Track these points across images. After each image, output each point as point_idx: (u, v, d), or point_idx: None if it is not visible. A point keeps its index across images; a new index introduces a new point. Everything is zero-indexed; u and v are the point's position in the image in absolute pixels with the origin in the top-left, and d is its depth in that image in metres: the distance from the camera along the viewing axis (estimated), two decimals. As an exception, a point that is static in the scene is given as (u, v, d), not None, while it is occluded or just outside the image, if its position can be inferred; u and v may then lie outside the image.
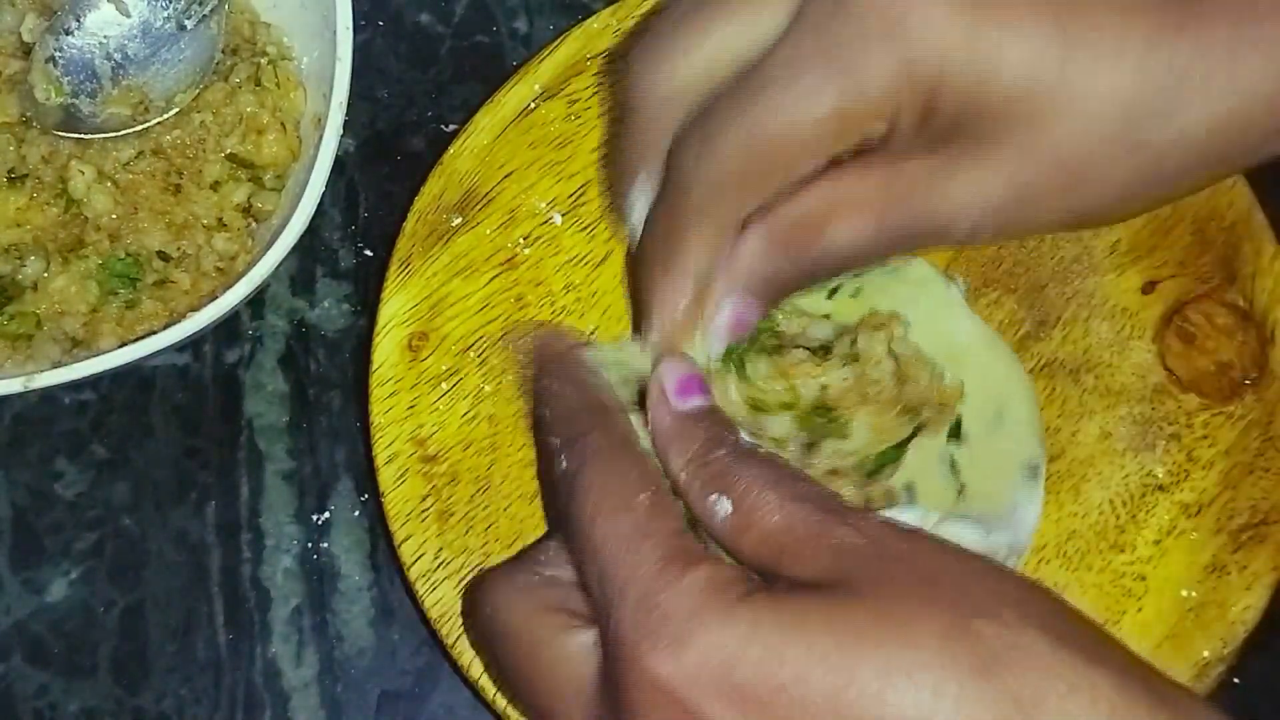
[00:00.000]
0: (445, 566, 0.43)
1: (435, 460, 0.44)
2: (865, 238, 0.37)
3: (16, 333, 0.45)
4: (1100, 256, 0.46)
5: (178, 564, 0.47)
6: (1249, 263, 0.46)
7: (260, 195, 0.48)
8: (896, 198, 0.36)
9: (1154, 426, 0.44)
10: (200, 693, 0.46)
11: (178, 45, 0.49)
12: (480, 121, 0.47)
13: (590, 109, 0.47)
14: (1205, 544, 0.43)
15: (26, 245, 0.46)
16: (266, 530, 0.48)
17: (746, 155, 0.36)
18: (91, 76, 0.48)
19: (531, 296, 0.46)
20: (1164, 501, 0.44)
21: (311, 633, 0.47)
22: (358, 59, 0.45)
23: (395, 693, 0.47)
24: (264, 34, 0.50)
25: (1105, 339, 0.45)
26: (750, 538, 0.32)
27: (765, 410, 0.39)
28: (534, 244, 0.46)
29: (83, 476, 0.48)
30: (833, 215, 0.36)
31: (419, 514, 0.44)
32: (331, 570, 0.48)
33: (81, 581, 0.47)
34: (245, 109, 0.48)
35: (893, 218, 0.36)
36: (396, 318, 0.45)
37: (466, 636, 0.42)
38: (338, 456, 0.49)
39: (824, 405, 0.40)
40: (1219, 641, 0.42)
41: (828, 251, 0.37)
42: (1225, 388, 0.45)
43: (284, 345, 0.50)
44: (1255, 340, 0.45)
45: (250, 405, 0.49)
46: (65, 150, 0.47)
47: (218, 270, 0.47)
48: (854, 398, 0.40)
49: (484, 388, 0.45)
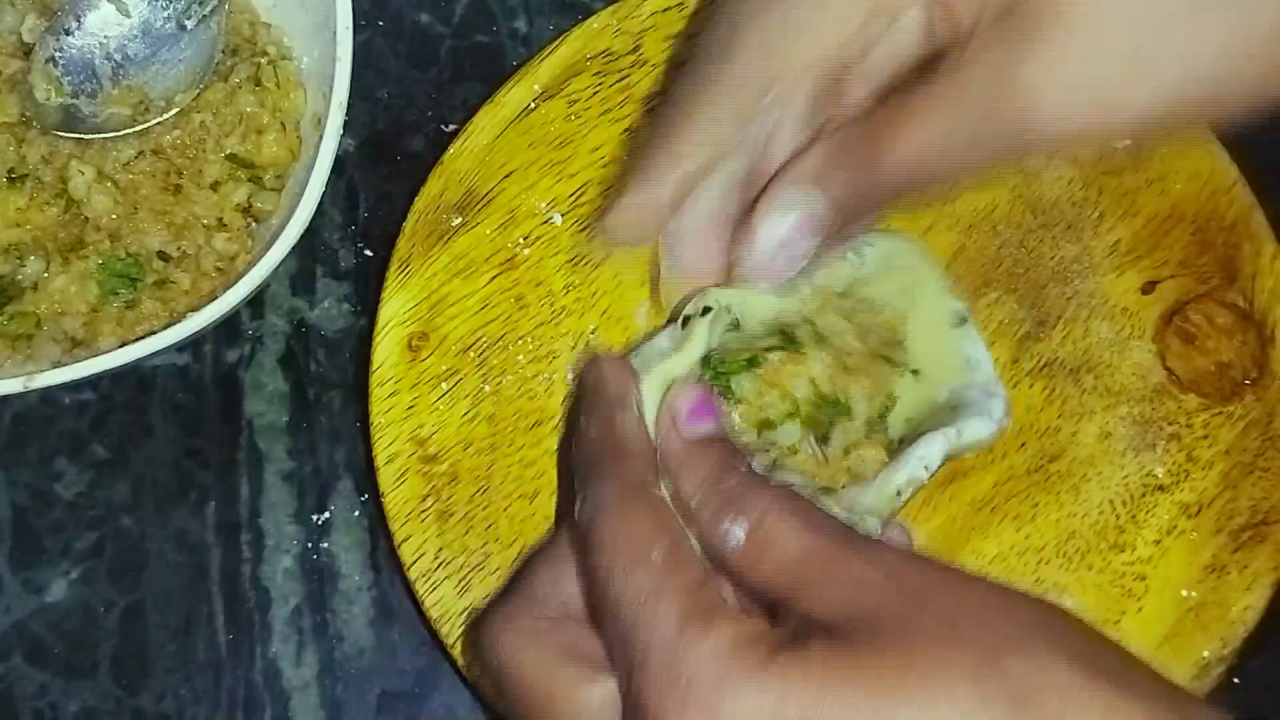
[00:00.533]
0: (445, 566, 0.43)
1: (435, 460, 0.44)
2: (938, 139, 0.35)
3: (16, 333, 0.45)
4: (1100, 256, 0.46)
5: (178, 564, 0.47)
6: (1249, 263, 0.46)
7: (260, 195, 0.48)
8: (966, 92, 0.34)
9: (1154, 426, 0.44)
10: (200, 693, 0.46)
11: (178, 45, 0.49)
12: (480, 121, 0.47)
13: (590, 109, 0.47)
14: (1205, 544, 0.43)
15: (26, 245, 0.46)
16: (266, 530, 0.48)
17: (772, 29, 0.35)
18: (91, 76, 0.48)
19: (531, 296, 0.46)
20: (1164, 501, 0.44)
21: (311, 633, 0.47)
22: (358, 59, 0.45)
23: (395, 693, 0.46)
24: (264, 34, 0.50)
25: (1105, 339, 0.45)
26: (764, 567, 0.32)
27: (772, 426, 0.39)
28: (534, 244, 0.46)
29: (83, 476, 0.48)
30: (902, 118, 0.35)
31: (419, 514, 0.44)
32: (331, 570, 0.48)
33: (81, 581, 0.47)
34: (245, 109, 0.48)
35: (966, 113, 0.34)
36: (396, 318, 0.45)
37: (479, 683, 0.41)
38: (338, 456, 0.49)
39: (820, 396, 0.40)
40: (1219, 641, 0.42)
41: (901, 158, 0.35)
42: (1225, 388, 0.45)
43: (284, 345, 0.50)
44: (1255, 340, 0.45)
45: (250, 405, 0.49)
46: (65, 150, 0.47)
47: (218, 270, 0.47)
48: (841, 375, 0.40)
49: (484, 388, 0.45)
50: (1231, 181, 0.46)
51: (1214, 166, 0.46)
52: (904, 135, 0.35)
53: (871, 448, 0.39)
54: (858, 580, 0.30)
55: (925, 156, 0.35)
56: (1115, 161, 0.47)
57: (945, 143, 0.35)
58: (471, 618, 0.43)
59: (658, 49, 0.48)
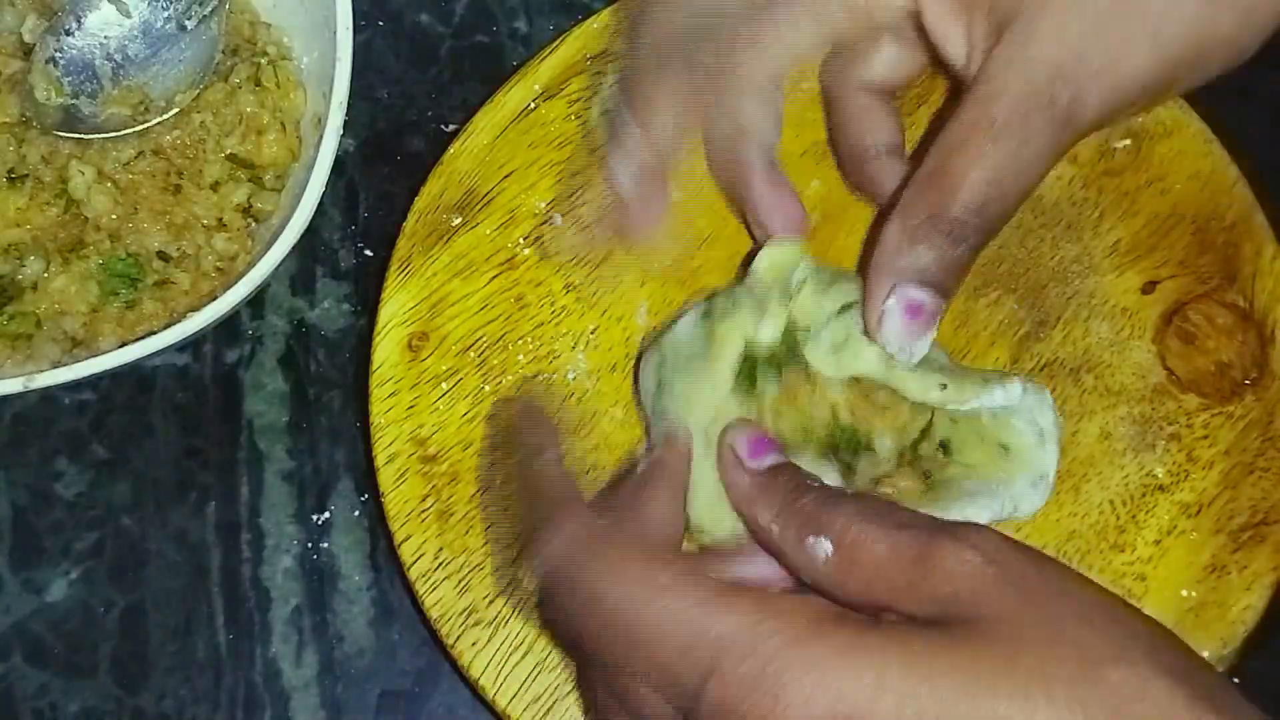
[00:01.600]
0: (445, 566, 0.43)
1: (435, 460, 0.44)
2: (994, 156, 0.34)
3: (16, 333, 0.45)
4: (1100, 256, 0.46)
5: (178, 564, 0.47)
6: (1249, 263, 0.46)
7: (260, 195, 0.48)
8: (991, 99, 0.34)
9: (1154, 426, 0.44)
10: (200, 693, 0.46)
11: (178, 45, 0.49)
12: (480, 121, 0.47)
13: (590, 109, 0.47)
14: (1205, 544, 0.43)
15: (26, 245, 0.46)
16: (266, 530, 0.48)
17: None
18: (92, 77, 0.48)
19: (531, 296, 0.46)
20: (1164, 501, 0.44)
21: (311, 633, 0.47)
22: (358, 59, 0.45)
23: (395, 693, 0.47)
24: (264, 34, 0.50)
25: (1105, 339, 0.45)
26: (858, 574, 0.31)
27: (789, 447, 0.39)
28: (534, 244, 0.46)
29: (83, 476, 0.48)
30: (951, 155, 0.35)
31: (419, 514, 0.44)
32: (331, 570, 0.48)
33: (81, 581, 0.47)
34: (245, 109, 0.48)
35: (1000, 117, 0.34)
36: (396, 318, 0.45)
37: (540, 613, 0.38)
38: (338, 456, 0.49)
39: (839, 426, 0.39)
40: (1219, 641, 0.42)
41: (971, 190, 0.35)
42: (1225, 388, 0.45)
43: (284, 345, 0.50)
44: (1255, 340, 0.45)
45: (250, 405, 0.49)
46: (65, 150, 0.47)
47: (218, 270, 0.47)
48: (863, 405, 0.39)
49: (484, 388, 0.45)
50: (1231, 181, 0.46)
51: (1214, 166, 0.46)
52: (963, 170, 0.35)
53: (905, 479, 0.38)
54: (954, 567, 0.29)
55: (992, 179, 0.35)
56: (1115, 161, 0.47)
57: (1004, 155, 0.35)
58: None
59: (658, 49, 0.48)
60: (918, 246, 0.35)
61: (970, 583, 0.29)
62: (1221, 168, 0.46)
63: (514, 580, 0.41)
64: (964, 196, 0.35)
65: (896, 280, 0.36)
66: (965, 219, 0.35)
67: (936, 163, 0.35)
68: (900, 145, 0.42)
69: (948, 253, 0.35)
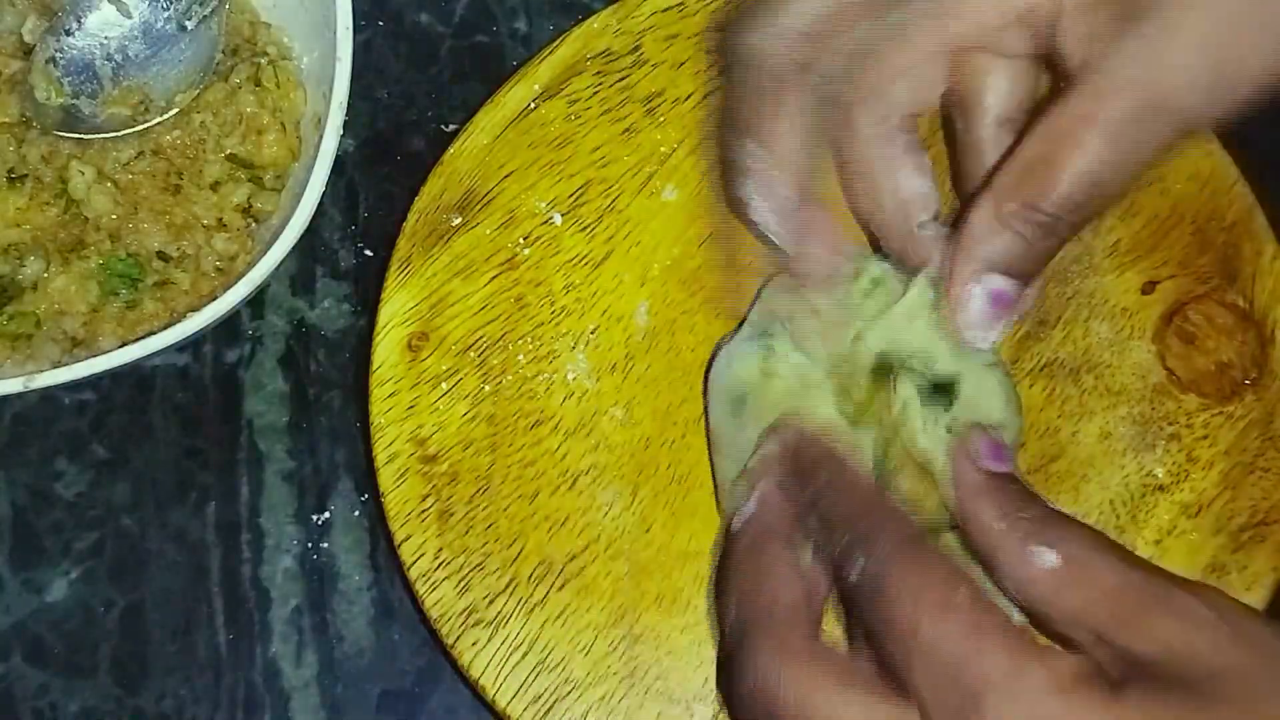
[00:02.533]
0: (445, 566, 0.43)
1: (435, 460, 0.44)
2: (1101, 153, 0.34)
3: (16, 333, 0.45)
4: (1100, 256, 0.46)
5: (178, 564, 0.47)
6: (1249, 263, 0.46)
7: (260, 195, 0.48)
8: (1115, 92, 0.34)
9: (1154, 426, 0.44)
10: (200, 693, 0.46)
11: (178, 46, 0.49)
12: (480, 121, 0.47)
13: (590, 109, 0.47)
14: (1205, 544, 0.43)
15: (26, 245, 0.46)
16: (266, 530, 0.48)
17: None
18: (92, 77, 0.48)
19: (531, 296, 0.46)
20: (1164, 501, 0.44)
21: (311, 633, 0.47)
22: (358, 59, 0.45)
23: (395, 693, 0.47)
24: (264, 34, 0.50)
25: (1105, 339, 0.45)
26: (1081, 594, 0.31)
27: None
28: (534, 244, 0.46)
29: (83, 476, 0.48)
30: (1054, 146, 0.34)
31: (419, 514, 0.44)
32: (331, 570, 0.48)
33: (81, 581, 0.47)
34: (245, 109, 0.48)
35: (1121, 113, 0.34)
36: (396, 318, 0.45)
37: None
38: (338, 456, 0.49)
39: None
40: (1219, 641, 0.42)
41: (1071, 185, 0.34)
42: (1225, 388, 0.45)
43: (284, 345, 0.50)
44: (1255, 340, 0.45)
45: (250, 405, 0.49)
46: (65, 150, 0.47)
47: (218, 270, 0.47)
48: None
49: (484, 388, 0.45)
50: (1231, 181, 0.46)
51: (1214, 166, 0.46)
52: (1065, 163, 0.34)
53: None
54: (1189, 618, 0.30)
55: (1094, 176, 0.34)
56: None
57: (1111, 153, 0.34)
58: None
59: (658, 49, 0.48)
60: (1006, 234, 0.35)
61: (1206, 635, 0.29)
62: (1221, 168, 0.46)
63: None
64: (1063, 190, 0.34)
65: (982, 267, 0.36)
66: (1060, 214, 0.35)
67: (1037, 151, 0.35)
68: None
69: (1038, 244, 0.35)
